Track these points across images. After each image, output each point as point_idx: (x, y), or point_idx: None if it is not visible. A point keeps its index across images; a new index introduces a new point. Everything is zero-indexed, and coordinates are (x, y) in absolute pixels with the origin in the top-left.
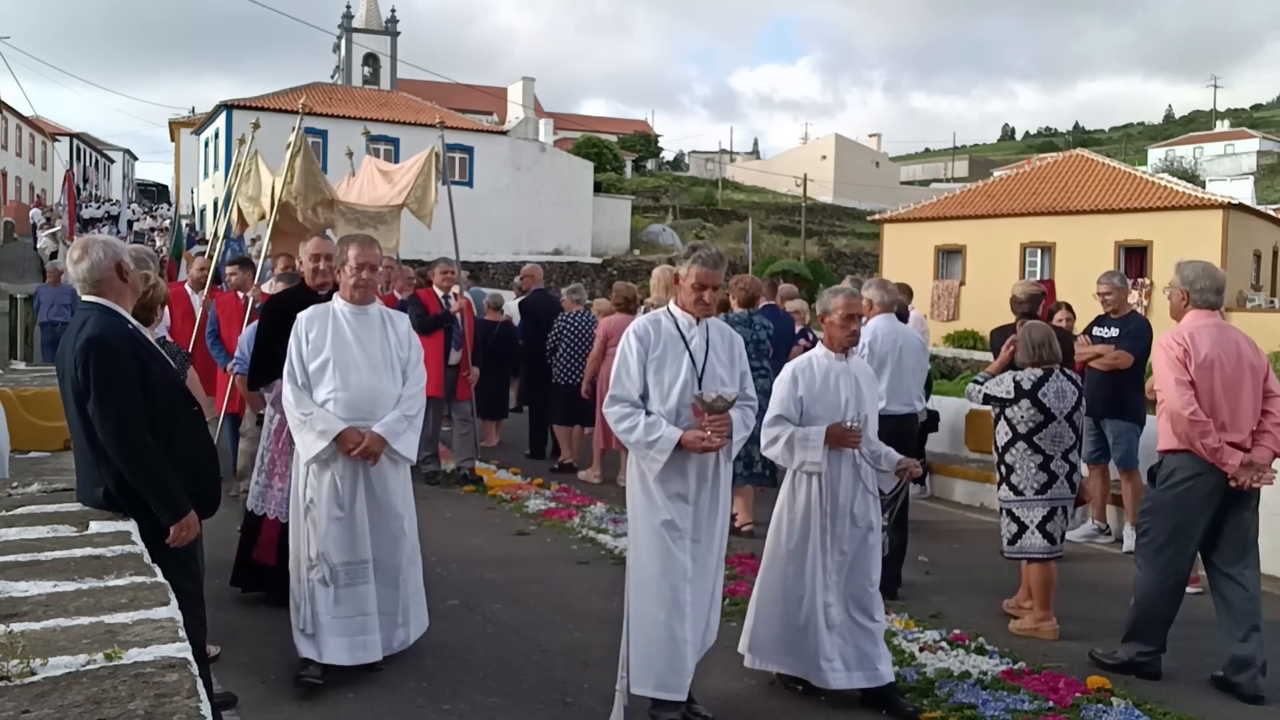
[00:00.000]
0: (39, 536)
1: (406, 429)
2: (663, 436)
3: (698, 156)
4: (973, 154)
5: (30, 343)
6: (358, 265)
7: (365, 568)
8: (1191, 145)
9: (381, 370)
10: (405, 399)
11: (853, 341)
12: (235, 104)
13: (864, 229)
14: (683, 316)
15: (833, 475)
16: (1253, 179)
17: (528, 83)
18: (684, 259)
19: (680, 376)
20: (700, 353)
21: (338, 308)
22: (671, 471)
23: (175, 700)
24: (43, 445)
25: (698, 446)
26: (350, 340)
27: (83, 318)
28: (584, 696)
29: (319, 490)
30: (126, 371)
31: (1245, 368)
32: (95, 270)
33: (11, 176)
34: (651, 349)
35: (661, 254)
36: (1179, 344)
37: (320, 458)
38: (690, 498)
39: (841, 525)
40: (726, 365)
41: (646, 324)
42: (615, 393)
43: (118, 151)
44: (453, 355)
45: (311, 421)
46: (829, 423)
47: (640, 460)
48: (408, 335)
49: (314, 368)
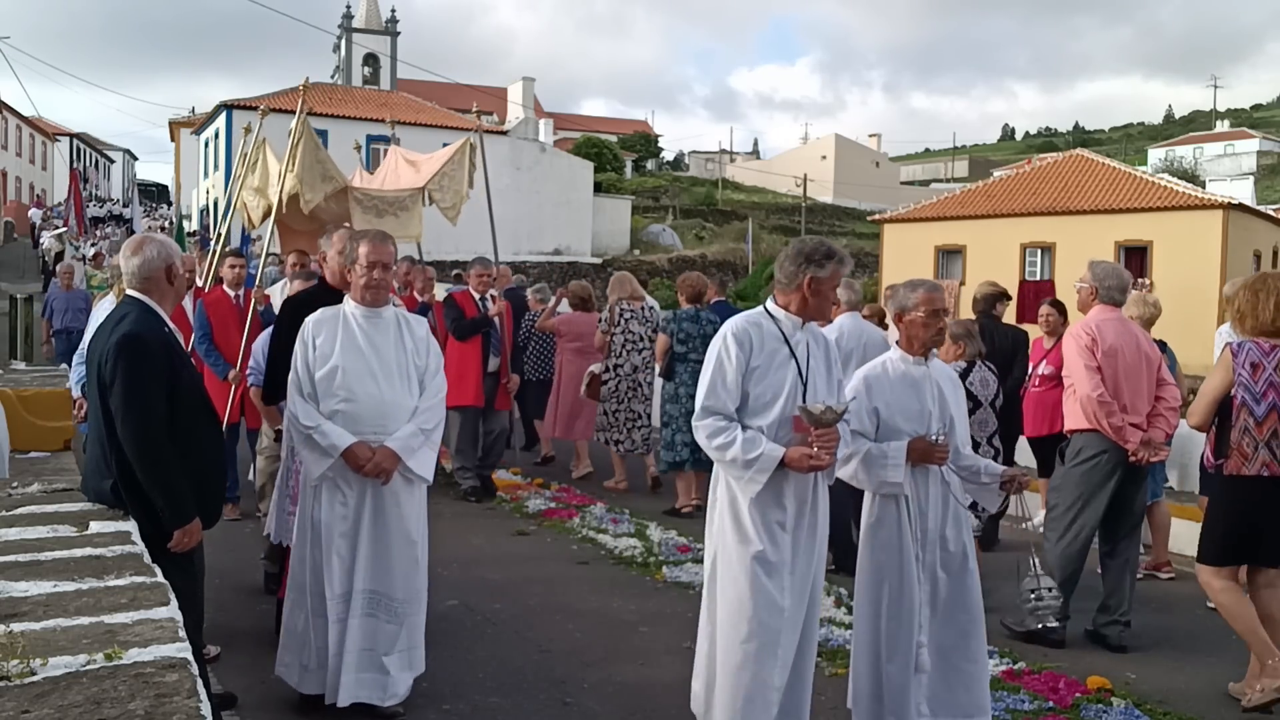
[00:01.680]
0: (39, 536)
1: (422, 444)
2: (763, 454)
3: (698, 156)
4: (973, 154)
5: (30, 343)
6: (369, 263)
7: (371, 599)
8: (1191, 145)
9: (395, 379)
10: (421, 411)
11: (937, 342)
12: (235, 104)
13: (864, 229)
14: (786, 318)
15: (919, 496)
16: (1253, 179)
17: (528, 83)
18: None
19: (785, 387)
20: (804, 360)
21: (348, 310)
22: (768, 496)
23: (175, 700)
24: (43, 445)
25: (804, 465)
26: (361, 346)
27: (123, 312)
28: (584, 696)
29: (324, 512)
30: (156, 372)
31: (1142, 357)
32: (147, 267)
33: (11, 176)
34: (754, 354)
35: (661, 254)
36: (1087, 334)
37: (326, 475)
38: (788, 525)
39: (932, 553)
40: (824, 374)
41: (746, 326)
42: (709, 404)
43: (118, 151)
44: (491, 362)
45: (317, 435)
46: (910, 436)
47: (735, 482)
48: (425, 341)
49: (321, 376)
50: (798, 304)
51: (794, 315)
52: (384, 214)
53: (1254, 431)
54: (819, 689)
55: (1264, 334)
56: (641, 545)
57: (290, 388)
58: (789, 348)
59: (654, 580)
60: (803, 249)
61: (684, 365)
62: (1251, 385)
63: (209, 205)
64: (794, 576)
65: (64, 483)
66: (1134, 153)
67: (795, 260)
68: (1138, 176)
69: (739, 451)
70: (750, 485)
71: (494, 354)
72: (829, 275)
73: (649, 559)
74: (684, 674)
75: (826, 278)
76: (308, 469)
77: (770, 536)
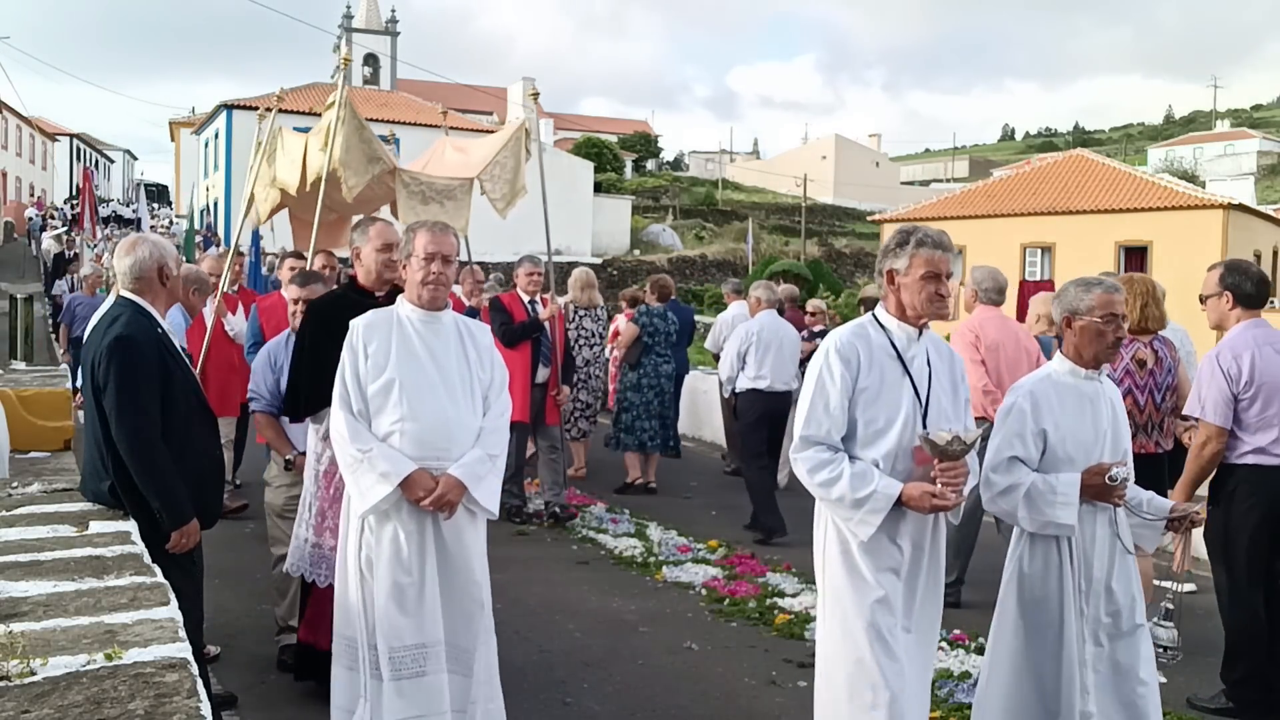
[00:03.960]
0: (39, 536)
1: (489, 472)
2: (876, 492)
3: (698, 156)
4: (973, 154)
5: (30, 343)
6: (428, 255)
7: (436, 652)
8: (1191, 145)
9: (459, 396)
10: (487, 433)
11: (1110, 356)
12: (235, 104)
13: (864, 229)
14: (898, 327)
15: (1084, 538)
16: (1253, 179)
17: (527, 83)
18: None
19: (901, 411)
20: (923, 378)
21: (405, 314)
22: (881, 538)
23: (175, 700)
24: (43, 445)
25: (926, 505)
26: (421, 356)
27: (115, 313)
28: (584, 696)
29: (377, 550)
30: (149, 374)
31: (1022, 350)
32: (139, 267)
33: (11, 176)
34: (862, 374)
35: (661, 254)
36: (971, 332)
37: (380, 508)
38: (902, 572)
39: (1096, 605)
40: (950, 393)
41: (851, 339)
42: (809, 433)
43: (118, 151)
44: (540, 372)
45: (371, 460)
46: (1081, 467)
47: (844, 524)
48: (490, 352)
49: (374, 391)
50: (895, 307)
51: (906, 323)
52: (429, 201)
53: None
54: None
55: (1133, 331)
56: (641, 545)
57: (336, 404)
58: (903, 363)
59: (654, 580)
60: (883, 244)
61: (649, 357)
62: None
63: (209, 205)
64: (908, 634)
65: (64, 483)
66: (1134, 153)
67: (879, 257)
68: (1138, 177)
69: (847, 489)
70: (861, 527)
71: (543, 363)
72: (911, 263)
73: (649, 559)
74: (684, 674)
75: (908, 267)
76: (357, 500)
77: (881, 582)
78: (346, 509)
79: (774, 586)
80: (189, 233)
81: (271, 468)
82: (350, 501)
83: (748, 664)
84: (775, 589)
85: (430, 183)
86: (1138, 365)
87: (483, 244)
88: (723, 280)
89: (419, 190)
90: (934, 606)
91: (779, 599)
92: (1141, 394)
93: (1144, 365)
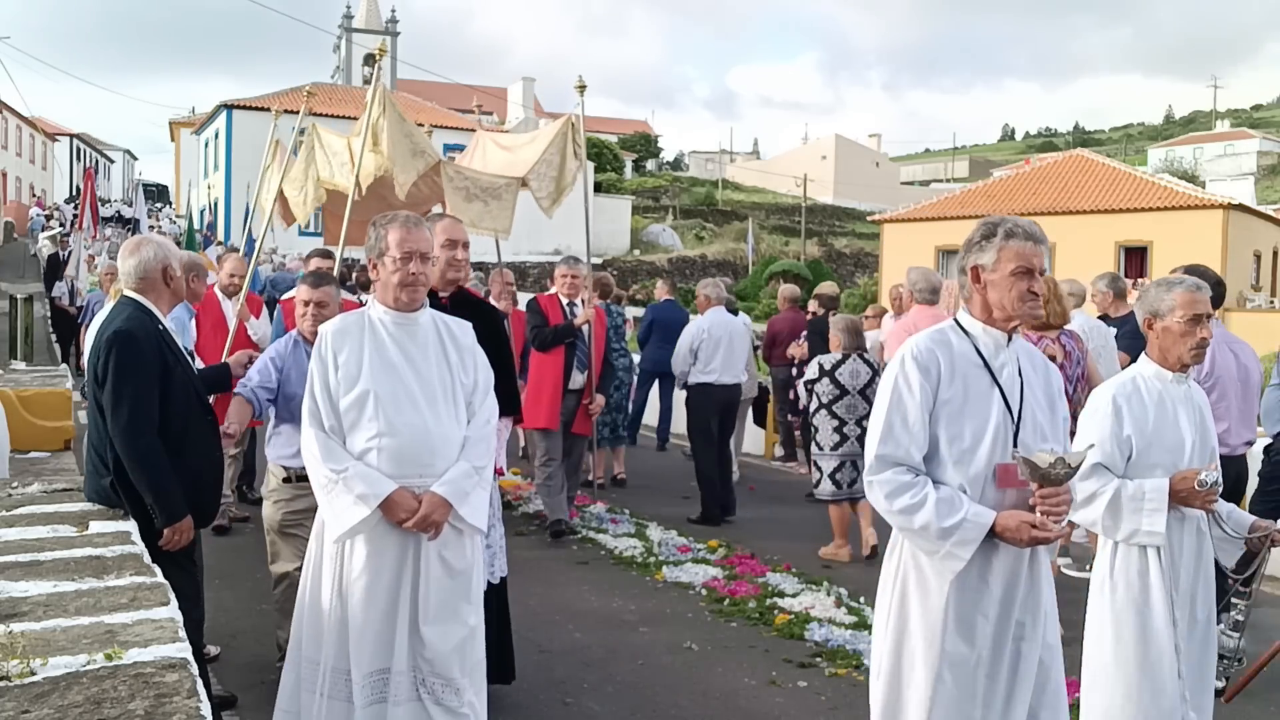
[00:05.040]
0: (39, 536)
1: (475, 486)
2: (966, 520)
3: (698, 156)
4: (973, 154)
5: (30, 343)
6: (405, 254)
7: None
8: (1191, 145)
9: (440, 405)
10: (471, 443)
11: (1198, 358)
12: (235, 104)
13: (864, 229)
14: (984, 331)
15: (1172, 547)
16: (1253, 179)
17: (528, 83)
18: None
19: (990, 427)
20: (1014, 390)
21: (376, 316)
22: (968, 576)
23: (175, 700)
24: (43, 445)
25: (1024, 537)
26: (397, 363)
27: (118, 312)
28: (584, 696)
29: (350, 570)
30: (146, 370)
31: None
32: (142, 268)
33: (11, 176)
34: (943, 384)
35: (661, 254)
36: (905, 331)
37: (357, 532)
38: (992, 615)
39: (1182, 618)
40: (1046, 409)
41: (930, 345)
42: (885, 452)
43: (118, 151)
44: (575, 378)
45: (347, 481)
46: (1169, 472)
47: (926, 557)
48: (473, 352)
49: (347, 405)
50: (980, 308)
51: (994, 327)
52: (473, 199)
53: None
54: (818, 689)
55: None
56: (641, 545)
57: (306, 420)
58: (990, 373)
59: (654, 580)
60: (966, 238)
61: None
62: None
63: (209, 205)
64: (993, 682)
65: (64, 483)
66: (1134, 153)
67: (960, 253)
68: (1138, 177)
69: (931, 516)
70: (948, 562)
71: (579, 368)
72: (1000, 257)
73: (649, 559)
74: (684, 674)
75: (995, 261)
76: (332, 523)
77: (967, 631)
78: (319, 528)
79: (774, 586)
80: (190, 233)
81: (270, 480)
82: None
83: (748, 664)
84: (775, 589)
85: (475, 179)
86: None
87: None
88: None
89: (463, 186)
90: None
91: (779, 599)
92: None
93: (1054, 360)
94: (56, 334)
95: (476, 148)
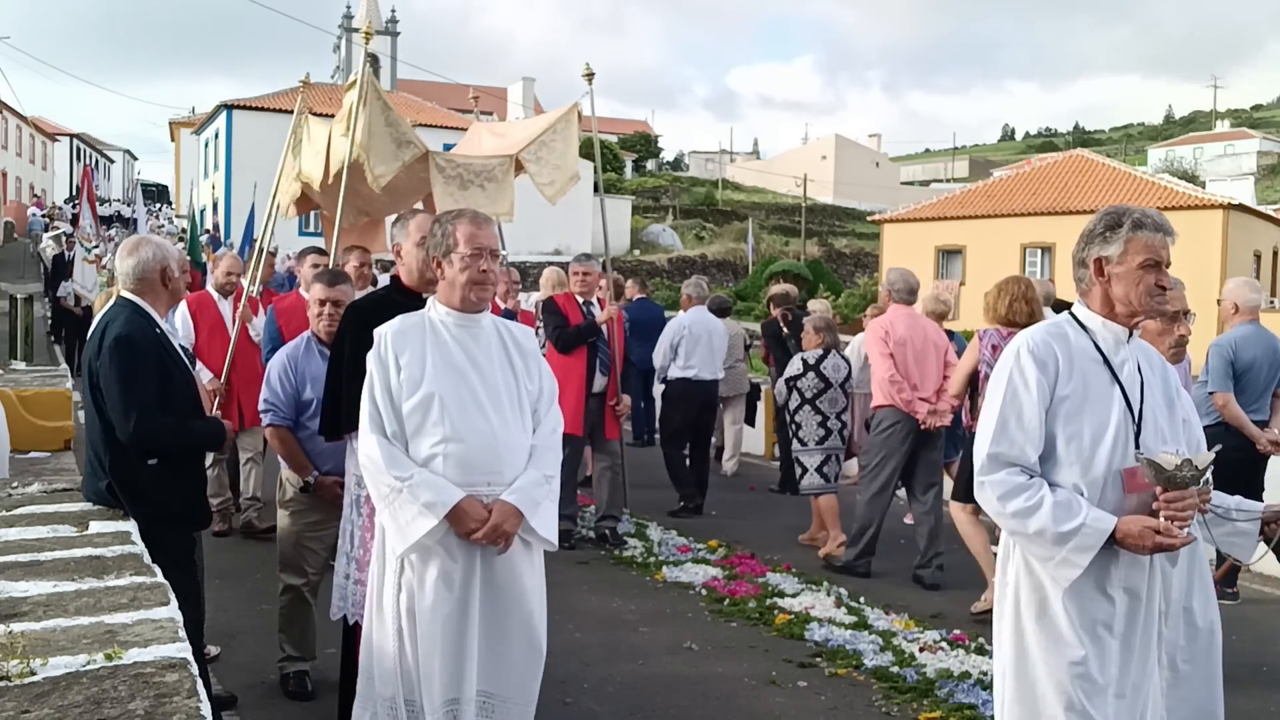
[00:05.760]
0: (39, 536)
1: (546, 496)
2: (1085, 525)
3: (698, 156)
4: (973, 154)
5: (30, 343)
6: (475, 250)
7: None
8: (1191, 145)
9: (507, 410)
10: (539, 451)
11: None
12: (235, 104)
13: (864, 229)
14: (1103, 326)
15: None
16: (1253, 179)
17: (528, 83)
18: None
19: (1110, 427)
20: (1134, 388)
21: (438, 318)
22: (1086, 586)
23: (175, 700)
24: (43, 445)
25: (1148, 544)
26: (462, 365)
27: (114, 314)
28: (584, 697)
29: (420, 594)
30: (147, 372)
31: (930, 345)
32: (140, 268)
33: (11, 176)
34: (1061, 380)
35: (661, 254)
36: (882, 328)
37: (424, 544)
38: (1116, 628)
39: (1174, 630)
40: (1165, 409)
41: (1047, 338)
42: (998, 450)
43: (118, 151)
44: (597, 380)
45: (412, 489)
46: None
47: (1040, 564)
48: (537, 359)
49: (410, 408)
50: (1102, 302)
51: (1115, 322)
52: (468, 185)
53: None
54: (818, 689)
55: (1002, 323)
56: (641, 545)
57: (367, 426)
58: (1110, 369)
59: (654, 580)
60: (1086, 228)
61: None
62: (992, 363)
63: (209, 205)
64: (1121, 700)
65: (64, 483)
66: (1134, 153)
67: (1080, 243)
68: (1138, 177)
69: (1048, 520)
70: (1064, 569)
71: (601, 370)
72: (1127, 249)
73: (649, 559)
74: (684, 674)
75: (1122, 253)
76: (395, 537)
77: (1091, 644)
78: (380, 547)
79: (774, 586)
80: (192, 232)
81: (285, 489)
82: (383, 538)
83: (748, 664)
84: (775, 589)
85: (468, 164)
86: None
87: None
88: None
89: (455, 174)
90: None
91: (779, 599)
92: None
93: None
94: (62, 335)
95: (470, 138)
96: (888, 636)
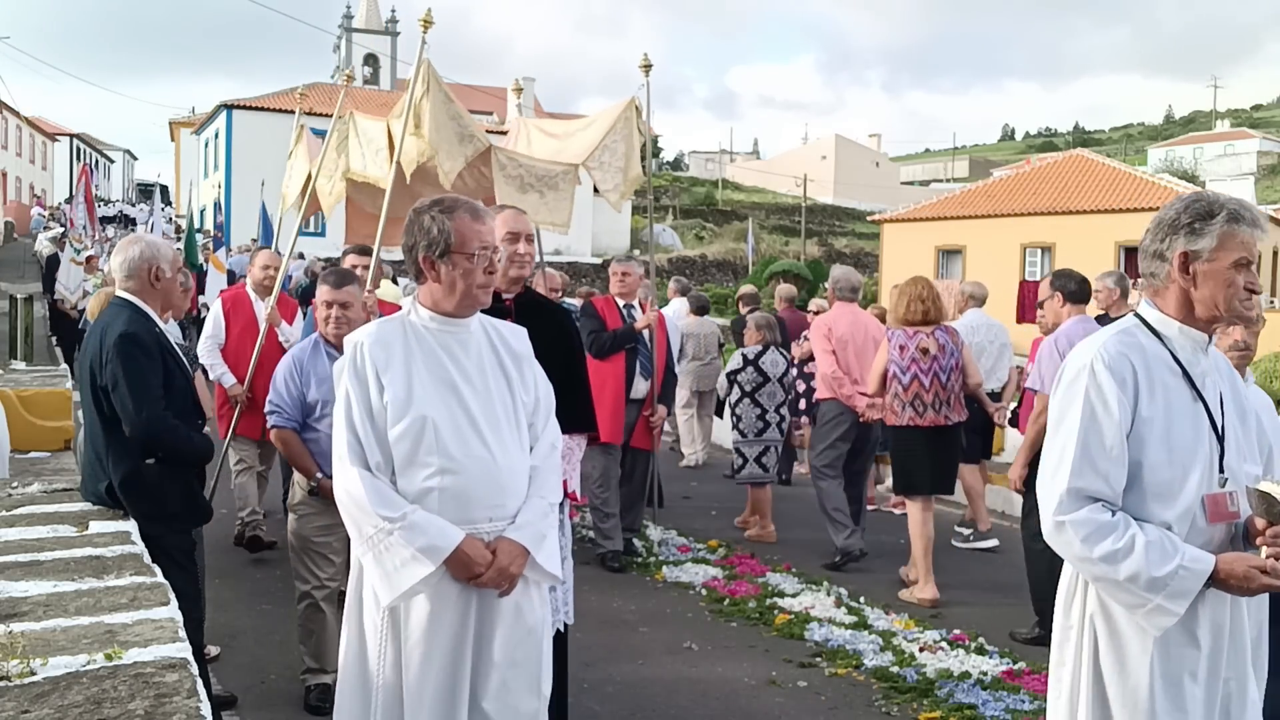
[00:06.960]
0: (39, 536)
1: (550, 527)
2: (1181, 568)
3: (697, 156)
4: (973, 154)
5: (30, 343)
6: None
7: None
8: (1191, 145)
9: (504, 430)
10: (539, 474)
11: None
12: (235, 104)
13: (864, 229)
14: (1180, 332)
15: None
16: (1253, 179)
17: (527, 82)
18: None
19: (1199, 451)
20: (1215, 404)
21: (419, 322)
22: (1173, 631)
23: (175, 700)
24: (43, 445)
25: (1254, 585)
26: (453, 381)
27: (113, 314)
28: (584, 696)
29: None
30: (154, 369)
31: (870, 341)
32: (128, 266)
33: (11, 176)
34: (1143, 399)
35: (661, 254)
36: (825, 325)
37: (415, 593)
38: (1200, 674)
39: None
40: (1239, 423)
41: (1122, 349)
42: (1080, 485)
43: (118, 151)
44: (638, 386)
45: (406, 532)
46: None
47: (1132, 611)
48: (530, 363)
49: (398, 434)
50: (1179, 304)
51: (1194, 328)
52: (527, 189)
53: (901, 395)
54: (818, 689)
55: (905, 324)
56: (641, 545)
57: (345, 458)
58: (1191, 384)
59: (654, 580)
60: (1164, 216)
61: None
62: (899, 361)
63: (210, 205)
64: None
65: (64, 483)
66: (1134, 153)
67: (1157, 233)
68: (1138, 177)
69: (1141, 564)
70: (1154, 617)
71: (643, 376)
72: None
73: (649, 559)
74: (684, 674)
75: (1215, 249)
76: (381, 586)
77: (1177, 697)
78: (356, 589)
79: (774, 586)
80: (189, 233)
81: (296, 492)
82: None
83: (748, 664)
84: (775, 589)
85: (530, 166)
86: (921, 353)
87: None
88: (723, 281)
89: (516, 175)
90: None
91: (779, 599)
92: (926, 376)
93: (927, 352)
94: (57, 336)
95: (519, 135)
96: (888, 636)
